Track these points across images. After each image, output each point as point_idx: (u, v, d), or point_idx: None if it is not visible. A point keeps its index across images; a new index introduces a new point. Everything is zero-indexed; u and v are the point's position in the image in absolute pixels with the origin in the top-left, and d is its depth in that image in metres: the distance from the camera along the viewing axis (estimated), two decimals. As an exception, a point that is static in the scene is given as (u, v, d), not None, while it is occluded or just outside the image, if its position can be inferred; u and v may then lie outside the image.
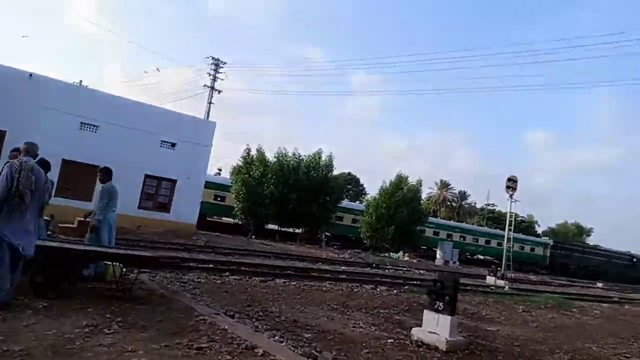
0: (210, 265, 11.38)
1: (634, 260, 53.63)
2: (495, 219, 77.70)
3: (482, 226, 62.18)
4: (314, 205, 27.90)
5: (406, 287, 12.85)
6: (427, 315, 6.12)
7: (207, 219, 31.71)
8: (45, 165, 5.91)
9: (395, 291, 11.91)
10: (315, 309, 7.67)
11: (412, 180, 32.73)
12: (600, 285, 38.01)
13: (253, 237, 27.12)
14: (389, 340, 5.97)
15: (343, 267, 17.31)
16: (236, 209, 28.39)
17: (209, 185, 30.05)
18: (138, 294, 6.27)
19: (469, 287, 16.76)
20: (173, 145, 22.08)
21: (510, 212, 21.90)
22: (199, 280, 8.92)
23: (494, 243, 43.52)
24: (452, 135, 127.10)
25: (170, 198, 21.87)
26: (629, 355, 7.58)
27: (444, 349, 5.66)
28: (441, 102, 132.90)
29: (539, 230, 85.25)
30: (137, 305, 5.63)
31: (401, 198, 30.40)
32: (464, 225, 48.66)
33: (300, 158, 29.92)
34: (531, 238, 50.97)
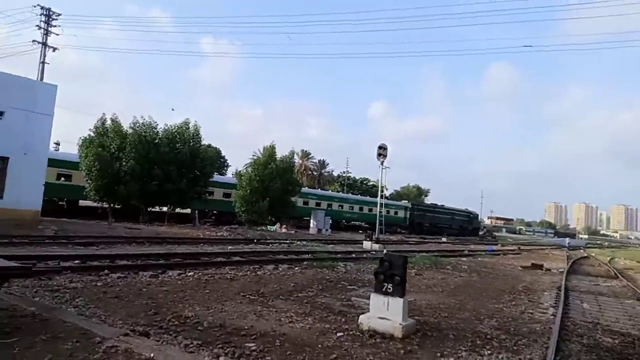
0: (77, 262, 9.19)
1: (471, 215, 63.98)
2: (350, 185, 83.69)
3: (340, 192, 65.81)
4: (184, 181, 25.52)
5: (305, 263, 12.37)
6: (375, 299, 5.58)
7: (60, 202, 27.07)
8: None
9: (297, 268, 11.31)
10: (234, 305, 6.57)
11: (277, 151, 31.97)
12: (444, 239, 43.78)
13: (114, 220, 23.72)
14: (338, 334, 5.27)
15: (229, 247, 16.07)
16: (88, 188, 24.38)
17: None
18: (-4, 322, 4.40)
19: (353, 255, 17.18)
20: (0, 113, 17.57)
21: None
22: (73, 285, 6.97)
23: (366, 209, 47.02)
24: (307, 104, 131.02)
25: (2, 180, 17.51)
26: (532, 312, 8.25)
27: (400, 336, 5.19)
28: (294, 68, 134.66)
29: (387, 193, 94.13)
30: (3, 339, 3.88)
31: (275, 170, 29.78)
32: (341, 194, 51.24)
33: (161, 129, 26.95)
34: (395, 202, 56.14)
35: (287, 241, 21.36)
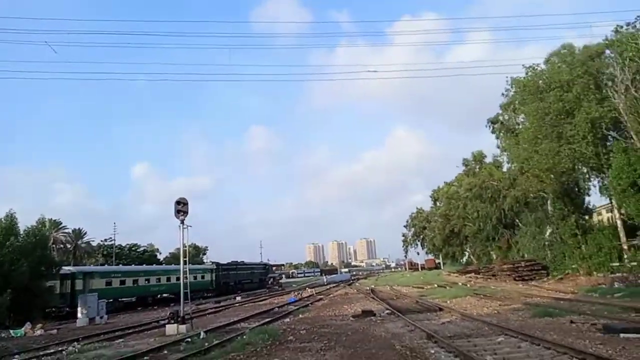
0: None
1: (267, 267, 66.82)
2: (118, 254, 73.02)
3: (107, 265, 58.12)
4: None
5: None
6: None
7: None
8: None
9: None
10: None
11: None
12: (239, 298, 41.02)
13: None
14: None
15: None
16: None
17: None
18: None
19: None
20: None
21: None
22: None
23: (174, 279, 41.87)
24: (52, 169, 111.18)
25: None
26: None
27: None
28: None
29: (161, 257, 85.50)
30: None
31: (18, 247, 21.22)
32: (146, 267, 45.72)
33: None
34: (200, 266, 53.12)
35: (51, 352, 14.33)
